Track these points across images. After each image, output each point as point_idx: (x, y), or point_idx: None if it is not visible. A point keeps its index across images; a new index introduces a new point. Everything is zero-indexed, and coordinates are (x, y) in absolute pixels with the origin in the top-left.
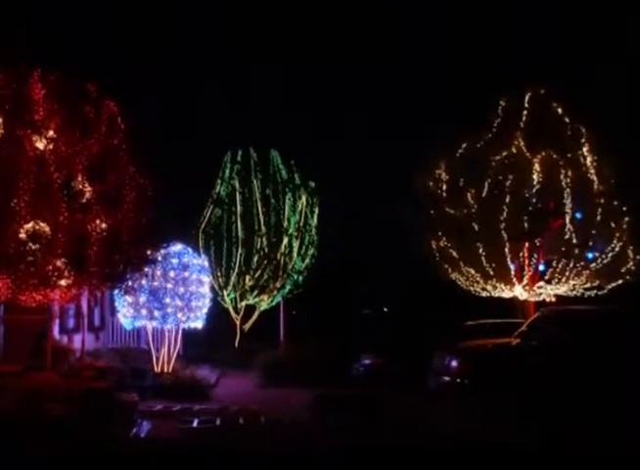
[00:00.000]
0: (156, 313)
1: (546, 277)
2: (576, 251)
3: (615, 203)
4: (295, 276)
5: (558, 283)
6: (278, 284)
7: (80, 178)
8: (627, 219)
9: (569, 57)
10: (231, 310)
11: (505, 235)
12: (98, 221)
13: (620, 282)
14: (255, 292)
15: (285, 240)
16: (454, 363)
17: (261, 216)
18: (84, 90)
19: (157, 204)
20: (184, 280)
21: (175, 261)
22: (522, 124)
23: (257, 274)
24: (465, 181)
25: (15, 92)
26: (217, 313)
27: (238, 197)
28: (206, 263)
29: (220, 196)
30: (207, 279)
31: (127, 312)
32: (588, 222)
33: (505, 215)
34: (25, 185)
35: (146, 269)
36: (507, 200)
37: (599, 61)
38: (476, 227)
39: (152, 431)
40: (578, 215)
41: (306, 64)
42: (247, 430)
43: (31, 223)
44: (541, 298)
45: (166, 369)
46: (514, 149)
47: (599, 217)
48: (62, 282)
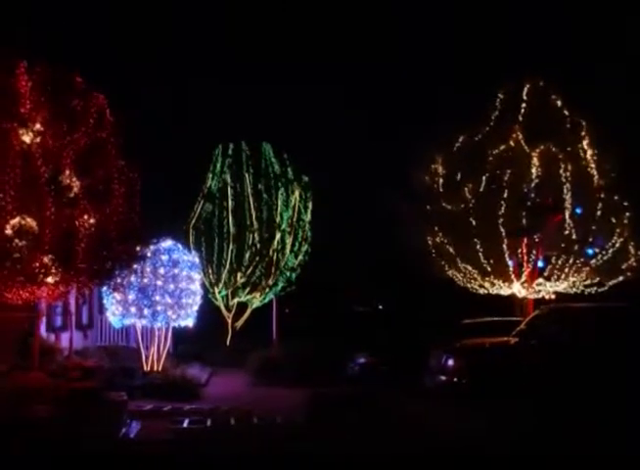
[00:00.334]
0: (145, 311)
1: (545, 274)
2: (576, 247)
3: (615, 197)
4: (287, 273)
5: (557, 280)
6: (270, 281)
7: (68, 172)
8: (628, 214)
9: (568, 48)
10: (222, 308)
11: (503, 231)
12: (86, 217)
13: (621, 279)
14: (247, 289)
15: (277, 236)
16: (451, 362)
17: (253, 212)
18: (72, 82)
19: (146, 199)
20: (174, 277)
21: (165, 258)
22: (520, 117)
23: (249, 271)
24: (462, 175)
25: (0, 84)
26: (208, 311)
27: (229, 191)
28: (197, 260)
29: (211, 190)
30: (198, 276)
31: (116, 310)
32: (588, 218)
33: (503, 211)
34: (11, 179)
35: (135, 266)
36: (505, 194)
37: (599, 52)
38: (473, 223)
39: (141, 431)
40: (578, 211)
41: (299, 56)
42: (238, 430)
43: (17, 219)
44: (540, 295)
45: (156, 368)
46: (512, 142)
47: (599, 213)
48: (49, 279)
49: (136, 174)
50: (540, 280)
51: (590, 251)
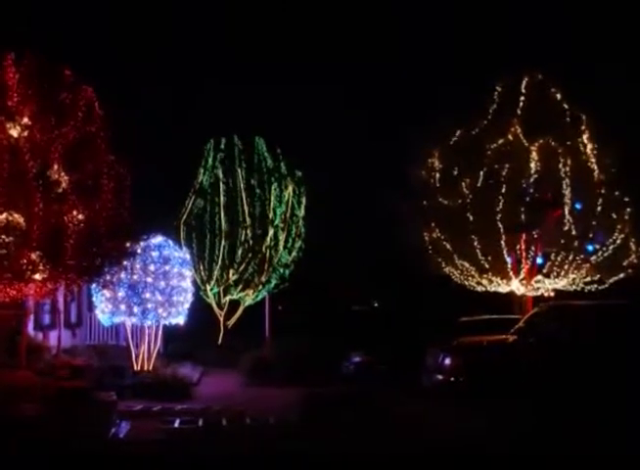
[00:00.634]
0: (135, 309)
1: (544, 271)
2: (576, 243)
3: (616, 193)
4: (281, 270)
5: (556, 277)
6: (263, 278)
7: (56, 167)
8: (629, 210)
9: (567, 40)
10: (214, 306)
11: (501, 227)
12: (75, 212)
13: (622, 276)
14: (240, 286)
15: (270, 232)
16: (448, 361)
17: (246, 207)
18: (60, 75)
19: (136, 194)
20: (165, 274)
21: (156, 254)
22: (519, 111)
23: (242, 268)
24: (459, 170)
25: None
26: (200, 309)
27: (221, 187)
28: (188, 256)
29: (203, 186)
30: (189, 273)
31: (105, 308)
32: (588, 213)
33: (501, 206)
34: None
35: (125, 263)
36: (503, 190)
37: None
38: (470, 218)
39: (131, 432)
40: (578, 206)
41: (293, 50)
42: (231, 431)
43: (5, 214)
44: (539, 292)
45: (146, 367)
46: (510, 136)
47: (599, 208)
48: (37, 276)
49: (126, 169)
50: (539, 277)
51: (590, 247)
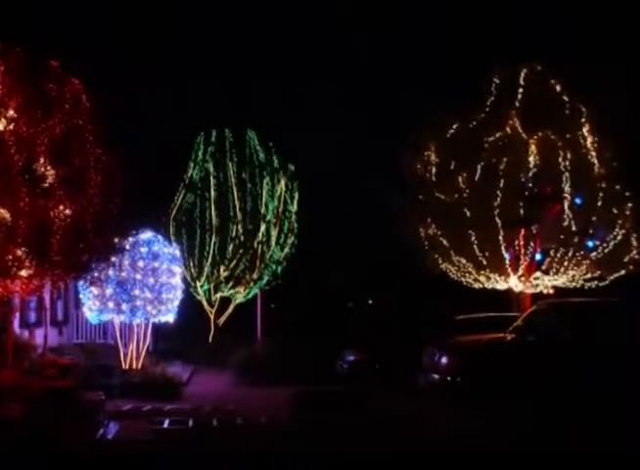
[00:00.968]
0: (123, 306)
1: (543, 267)
2: (576, 239)
3: (617, 187)
4: (273, 266)
5: (556, 274)
6: (255, 275)
7: (42, 161)
8: (630, 205)
9: (567, 30)
10: (204, 303)
11: (499, 222)
12: (61, 207)
13: (623, 272)
14: (231, 283)
15: (262, 227)
16: (444, 360)
17: (237, 202)
18: (47, 67)
19: (124, 188)
20: (154, 270)
21: (144, 250)
22: (517, 103)
23: (233, 264)
24: (456, 164)
25: None
26: (190, 306)
27: (212, 181)
28: (178, 253)
29: (193, 180)
30: (179, 269)
31: (93, 305)
32: (588, 208)
33: (499, 201)
34: None
35: (113, 259)
36: (501, 184)
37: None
38: (468, 213)
39: (119, 432)
40: (578, 201)
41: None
42: (221, 431)
43: None
44: (538, 289)
45: (135, 366)
46: (509, 129)
47: (600, 203)
48: (22, 273)
49: (114, 163)
50: (538, 274)
51: (590, 243)
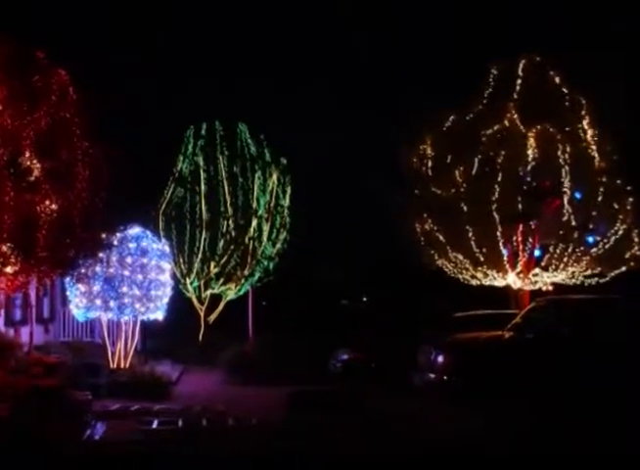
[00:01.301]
0: (111, 303)
1: (542, 264)
2: (576, 234)
3: (618, 181)
4: (264, 263)
5: (555, 270)
6: (246, 271)
7: (28, 154)
8: (632, 200)
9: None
10: (194, 300)
11: (497, 217)
12: (48, 202)
13: (624, 269)
14: (221, 280)
15: (254, 223)
16: (441, 359)
17: (228, 197)
18: (32, 58)
19: (112, 182)
20: (142, 267)
21: (133, 246)
22: (515, 95)
23: (223, 260)
24: (453, 158)
25: None
26: (179, 304)
27: (202, 175)
28: (167, 248)
29: (183, 174)
30: (168, 266)
31: (80, 302)
32: (589, 203)
33: (497, 195)
34: None
35: (100, 255)
36: (499, 178)
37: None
38: (465, 208)
39: (107, 433)
40: (578, 195)
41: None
42: (212, 432)
43: None
44: (537, 286)
45: (123, 365)
46: (507, 122)
47: (600, 197)
48: (7, 269)
49: (102, 157)
50: (537, 270)
51: (590, 238)
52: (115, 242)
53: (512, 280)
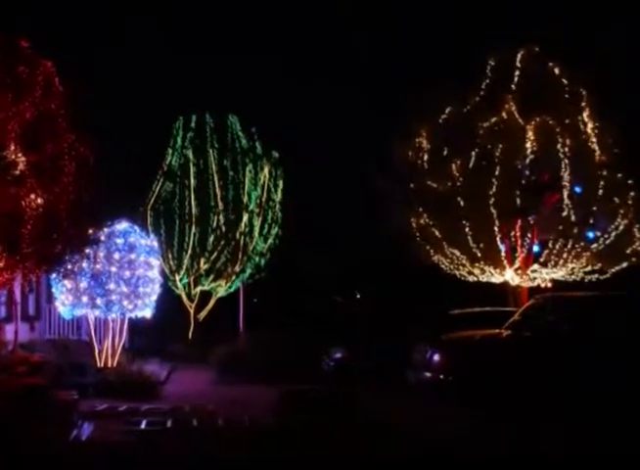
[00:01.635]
0: (98, 301)
1: (541, 260)
2: (575, 229)
3: (619, 175)
4: (256, 259)
5: (554, 266)
6: (237, 268)
7: (13, 147)
8: (633, 194)
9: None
10: (184, 297)
11: (494, 212)
12: (33, 196)
13: (625, 265)
14: (212, 276)
15: (245, 217)
16: (437, 357)
17: (218, 191)
18: (17, 48)
19: (99, 176)
20: (130, 263)
21: (120, 242)
22: (513, 86)
23: (214, 256)
24: (449, 151)
25: None
26: (168, 301)
27: (192, 168)
28: (156, 244)
29: (172, 167)
30: (157, 262)
31: (66, 300)
32: (589, 197)
33: (494, 189)
34: None
35: (87, 251)
36: (497, 172)
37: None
38: (461, 203)
39: (94, 433)
40: (578, 189)
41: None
42: (202, 432)
43: None
44: (535, 283)
45: (110, 364)
46: (504, 114)
47: (601, 192)
48: None
49: (88, 150)
50: (535, 266)
51: (591, 234)
52: (103, 237)
53: (510, 277)
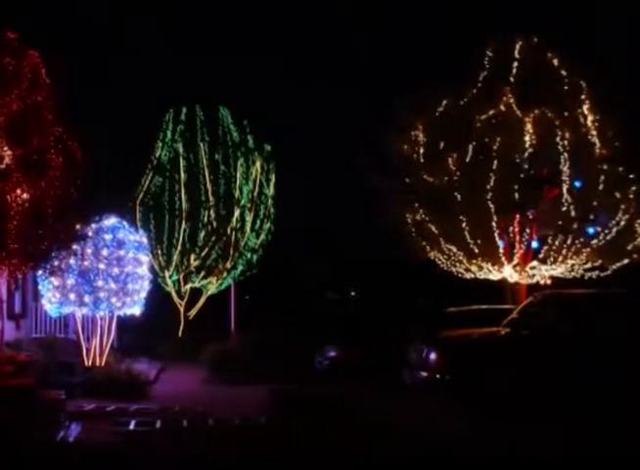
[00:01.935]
0: (86, 298)
1: (540, 256)
2: (575, 225)
3: (620, 169)
4: (247, 255)
5: (554, 263)
6: (228, 264)
7: None
8: (634, 188)
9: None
10: (174, 295)
11: (492, 207)
12: (19, 191)
13: (626, 262)
14: (202, 273)
15: (236, 213)
16: (433, 356)
17: (209, 185)
18: (2, 39)
19: (87, 170)
20: (119, 259)
21: (109, 238)
22: (512, 78)
23: (204, 253)
24: (446, 144)
25: None
26: (158, 298)
27: (182, 162)
28: (145, 240)
29: (161, 161)
30: (146, 258)
31: (53, 297)
32: (589, 192)
33: (492, 184)
34: None
35: (74, 247)
36: (494, 166)
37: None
38: (458, 198)
39: (81, 434)
40: (577, 184)
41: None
42: (192, 433)
43: None
44: (534, 280)
45: (98, 363)
46: (502, 106)
47: (601, 186)
48: None
49: (76, 143)
50: (534, 263)
51: (591, 229)
52: (90, 233)
53: (508, 273)
